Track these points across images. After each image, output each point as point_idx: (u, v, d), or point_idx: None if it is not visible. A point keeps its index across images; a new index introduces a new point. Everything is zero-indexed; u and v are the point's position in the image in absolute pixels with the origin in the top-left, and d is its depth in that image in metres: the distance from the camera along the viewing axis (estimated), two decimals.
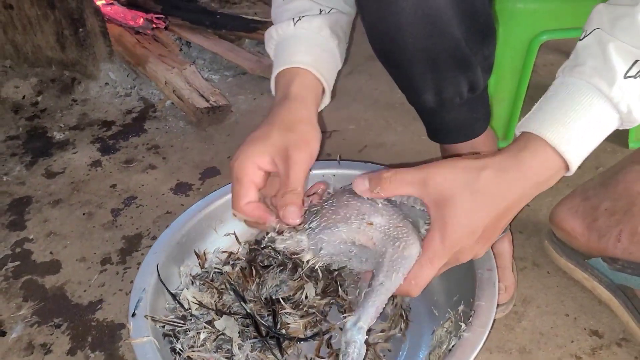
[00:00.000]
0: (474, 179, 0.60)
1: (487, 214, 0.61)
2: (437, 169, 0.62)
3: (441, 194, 0.61)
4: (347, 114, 1.43)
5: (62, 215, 1.20)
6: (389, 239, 0.65)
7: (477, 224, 0.61)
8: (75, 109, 1.58)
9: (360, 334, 0.63)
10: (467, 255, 0.65)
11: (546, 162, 0.60)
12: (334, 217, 0.68)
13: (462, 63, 0.80)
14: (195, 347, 0.80)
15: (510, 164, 0.60)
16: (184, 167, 1.31)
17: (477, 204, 0.60)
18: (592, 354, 0.80)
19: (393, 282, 0.63)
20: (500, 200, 0.61)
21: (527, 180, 0.60)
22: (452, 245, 0.62)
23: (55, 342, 0.93)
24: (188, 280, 0.90)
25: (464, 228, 0.61)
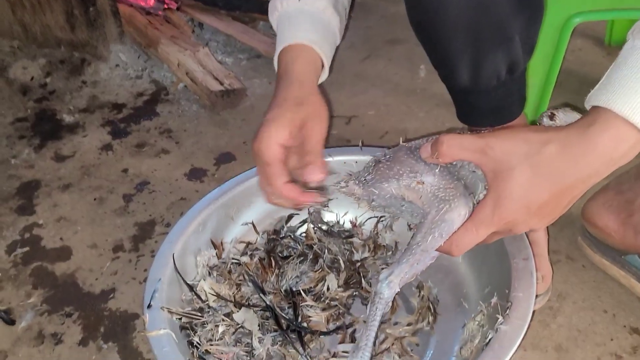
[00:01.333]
0: (535, 152, 0.56)
1: (545, 191, 0.57)
2: (497, 139, 0.59)
3: (500, 164, 0.58)
4: (366, 99, 1.38)
5: (72, 200, 1.16)
6: (436, 199, 0.65)
7: (532, 199, 0.58)
8: (85, 91, 1.54)
9: (389, 288, 0.65)
10: (521, 228, 0.61)
11: (619, 136, 0.54)
12: (387, 172, 0.69)
13: (504, 41, 0.75)
14: (214, 341, 0.77)
15: (577, 139, 0.55)
16: (197, 152, 1.27)
17: (536, 179, 0.57)
18: (634, 353, 0.76)
19: (429, 243, 0.63)
20: (561, 177, 0.56)
21: (598, 157, 0.55)
22: (502, 217, 0.59)
23: (67, 331, 0.90)
24: (205, 271, 0.87)
25: (518, 202, 0.58)
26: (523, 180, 0.57)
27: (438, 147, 0.63)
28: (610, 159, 0.55)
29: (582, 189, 0.59)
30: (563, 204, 0.60)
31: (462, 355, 0.73)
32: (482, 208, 0.61)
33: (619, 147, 0.54)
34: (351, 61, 1.54)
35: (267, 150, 0.69)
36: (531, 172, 0.57)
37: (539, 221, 0.61)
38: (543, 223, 0.61)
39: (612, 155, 0.54)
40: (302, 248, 0.91)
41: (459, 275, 0.85)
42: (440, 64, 0.85)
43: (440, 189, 0.65)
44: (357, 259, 0.91)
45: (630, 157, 0.56)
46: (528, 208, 0.58)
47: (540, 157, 0.56)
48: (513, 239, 0.75)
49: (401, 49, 1.57)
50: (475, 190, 0.65)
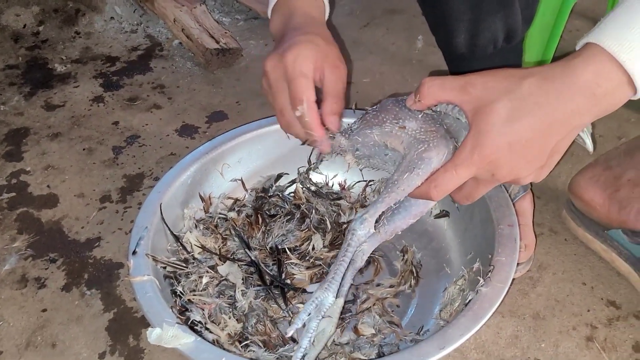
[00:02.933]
0: (516, 86, 0.54)
1: (528, 125, 0.54)
2: (477, 76, 0.57)
3: (480, 100, 0.56)
4: (362, 66, 1.37)
5: (61, 149, 1.16)
6: (416, 141, 0.64)
7: (514, 135, 0.54)
8: (78, 41, 1.51)
9: (362, 225, 0.66)
10: (503, 171, 0.57)
11: (602, 72, 0.51)
12: (373, 120, 0.69)
13: (504, 6, 0.75)
14: (197, 291, 0.77)
15: (559, 72, 0.53)
16: (190, 109, 1.26)
17: (518, 112, 0.54)
18: (609, 324, 0.77)
19: (405, 181, 0.62)
20: (545, 111, 0.53)
21: (579, 90, 0.52)
22: (483, 154, 0.56)
23: (50, 277, 0.90)
24: (191, 224, 0.87)
25: (498, 138, 0.54)
26: (504, 115, 0.54)
27: (419, 89, 0.62)
28: (592, 95, 0.52)
29: (567, 128, 0.55)
30: (547, 148, 0.56)
31: (441, 317, 0.74)
32: (462, 147, 0.58)
33: (601, 83, 0.51)
34: (350, 28, 1.53)
35: (303, 65, 0.66)
36: (511, 106, 0.54)
37: (524, 166, 0.56)
38: (529, 168, 0.57)
39: (594, 90, 0.52)
40: (289, 207, 0.92)
41: (443, 241, 0.86)
42: (438, 28, 0.84)
43: (421, 132, 0.64)
44: (344, 221, 0.91)
45: (615, 100, 0.53)
46: (510, 145, 0.55)
47: (521, 91, 0.54)
48: (498, 206, 0.76)
49: (400, 19, 1.56)
50: (459, 138, 0.64)
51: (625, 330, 0.77)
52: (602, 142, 1.08)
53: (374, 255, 0.86)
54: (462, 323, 0.63)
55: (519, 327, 0.78)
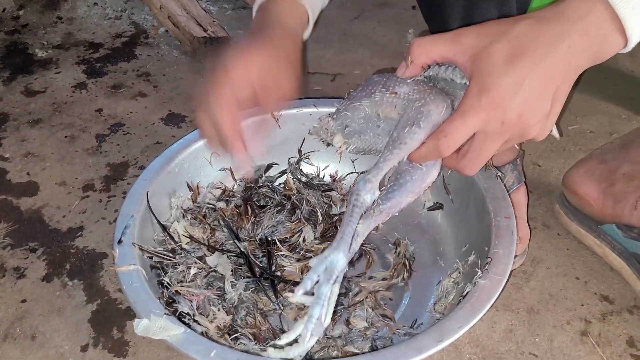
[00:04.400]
0: (510, 27, 0.54)
1: (530, 63, 0.53)
2: (468, 27, 0.56)
3: (475, 47, 0.55)
4: (352, 58, 1.36)
5: (41, 136, 1.12)
6: (411, 102, 0.61)
7: (518, 73, 0.53)
8: (60, 27, 1.47)
9: (365, 185, 0.61)
10: (512, 115, 0.54)
11: (594, 11, 0.51)
12: (360, 94, 0.66)
13: None
14: (185, 282, 0.75)
15: (552, 12, 0.53)
16: (176, 98, 1.23)
17: (517, 50, 0.53)
18: (602, 319, 0.77)
19: (407, 135, 0.59)
20: (543, 49, 0.52)
21: (573, 26, 0.52)
22: (491, 96, 0.54)
23: (30, 266, 0.86)
24: (179, 213, 0.84)
25: (504, 77, 0.53)
26: (503, 54, 0.53)
27: (410, 50, 0.60)
28: (586, 32, 0.52)
29: (565, 73, 0.54)
30: (550, 91, 0.54)
31: (435, 310, 0.73)
32: (467, 95, 0.55)
33: (593, 21, 0.52)
34: (340, 19, 1.51)
35: (235, 66, 0.66)
36: (510, 46, 0.53)
37: (531, 110, 0.54)
38: (535, 115, 0.55)
39: (587, 27, 0.52)
40: (279, 198, 0.90)
41: (437, 234, 0.85)
42: (432, 16, 0.83)
43: (414, 93, 0.61)
44: (335, 212, 0.89)
45: (606, 45, 0.53)
46: (517, 84, 0.53)
47: (516, 31, 0.53)
48: (494, 198, 0.75)
49: (390, 12, 1.54)
50: (455, 98, 0.62)
51: (619, 325, 0.76)
52: (593, 138, 1.08)
53: (366, 248, 0.85)
54: (459, 315, 0.61)
55: (513, 322, 0.77)
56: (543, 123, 0.56)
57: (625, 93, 1.15)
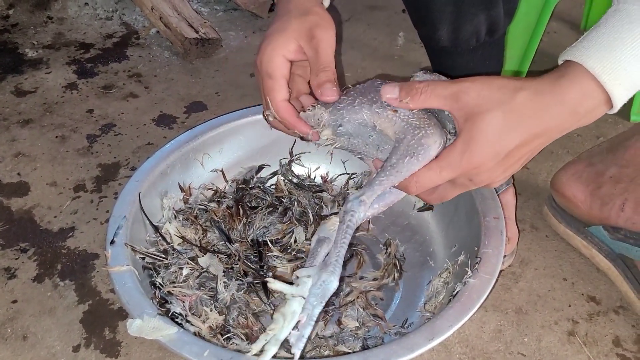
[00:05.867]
0: (509, 98, 0.56)
1: (517, 136, 0.56)
2: (471, 84, 0.58)
3: (473, 109, 0.57)
4: (343, 61, 1.36)
5: (32, 136, 1.11)
6: (410, 127, 0.62)
7: (504, 144, 0.56)
8: (51, 27, 1.46)
9: (360, 206, 0.61)
10: (482, 177, 0.59)
11: (586, 91, 0.54)
12: (361, 98, 0.66)
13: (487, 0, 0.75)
14: (177, 283, 0.75)
15: (548, 88, 0.55)
16: (167, 99, 1.23)
17: (509, 123, 0.56)
18: (589, 319, 0.78)
19: (405, 165, 0.60)
20: (533, 124, 0.56)
21: (565, 107, 0.55)
22: (471, 160, 0.57)
23: (21, 267, 0.86)
24: (171, 214, 0.84)
25: (490, 146, 0.56)
26: (497, 125, 0.56)
27: (411, 94, 0.61)
28: (576, 113, 0.55)
29: (547, 139, 0.58)
30: (524, 156, 0.59)
31: (426, 310, 0.74)
32: (451, 150, 0.58)
33: (584, 103, 0.54)
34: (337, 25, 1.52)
35: (269, 63, 0.66)
36: (503, 118, 0.55)
37: (502, 172, 0.59)
38: (503, 175, 0.60)
39: (577, 109, 0.55)
40: (271, 199, 0.90)
41: (427, 234, 0.86)
42: (421, 22, 0.84)
43: (414, 118, 0.62)
44: (326, 213, 0.90)
45: (593, 117, 0.56)
46: (498, 154, 0.57)
47: (513, 104, 0.55)
48: (484, 199, 0.76)
49: (381, 15, 1.56)
50: (445, 127, 0.63)
51: (605, 325, 0.78)
52: (580, 142, 1.10)
53: (357, 248, 0.85)
54: (450, 314, 0.62)
55: (502, 322, 0.78)
56: (504, 178, 0.61)
57: None
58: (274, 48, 0.66)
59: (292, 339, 0.58)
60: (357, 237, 0.88)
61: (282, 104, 0.67)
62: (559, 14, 1.47)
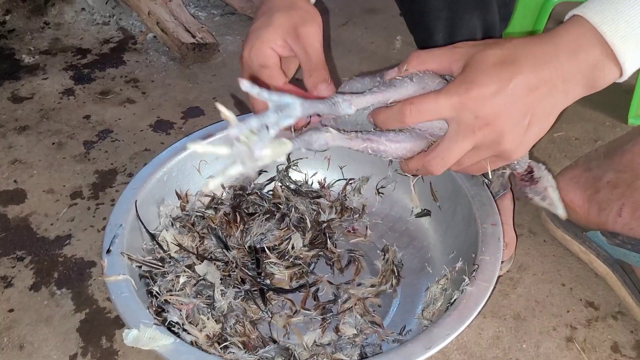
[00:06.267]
0: (504, 41, 0.55)
1: (515, 72, 0.53)
2: (463, 43, 0.58)
3: (469, 54, 0.56)
4: (341, 64, 1.36)
5: (29, 143, 1.11)
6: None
7: (503, 78, 0.53)
8: (47, 32, 1.46)
9: (345, 101, 0.57)
10: (487, 111, 0.54)
11: (584, 36, 0.52)
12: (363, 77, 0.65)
13: (482, 5, 0.76)
14: (174, 291, 0.75)
15: (543, 35, 0.54)
16: (165, 104, 1.23)
17: (509, 57, 0.53)
18: (588, 325, 0.78)
19: (400, 82, 0.59)
20: (531, 63, 0.53)
21: (562, 49, 0.53)
22: (470, 87, 0.54)
23: (18, 275, 0.86)
24: (168, 222, 0.84)
25: (488, 77, 0.53)
26: (495, 59, 0.54)
27: (409, 59, 0.60)
28: (574, 56, 0.53)
29: (550, 92, 0.54)
30: (529, 108, 0.54)
31: (424, 317, 0.73)
32: (450, 83, 0.56)
33: (582, 45, 0.52)
34: (329, 26, 1.52)
35: (259, 55, 0.65)
36: (502, 54, 0.54)
37: (507, 119, 0.54)
38: (510, 126, 0.54)
39: (575, 51, 0.53)
40: (268, 206, 0.90)
41: (425, 240, 0.85)
42: (416, 28, 0.84)
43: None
44: (324, 219, 0.90)
45: (601, 75, 0.53)
46: (497, 89, 0.53)
47: (510, 43, 0.54)
48: (481, 205, 0.75)
49: (378, 19, 1.56)
50: None
51: (603, 330, 0.77)
52: (578, 145, 1.10)
53: (355, 255, 0.85)
54: (447, 322, 0.62)
55: (501, 328, 0.78)
56: (518, 138, 0.56)
57: (609, 100, 1.16)
58: (262, 41, 0.65)
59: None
60: (355, 243, 0.88)
61: (287, 87, 0.66)
62: (556, 16, 1.46)
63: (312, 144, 0.57)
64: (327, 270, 0.84)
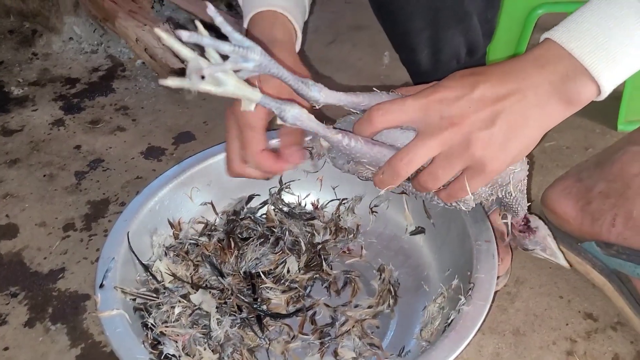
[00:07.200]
0: (478, 69, 0.56)
1: (484, 78, 0.54)
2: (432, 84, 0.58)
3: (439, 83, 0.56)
4: (330, 83, 1.37)
5: (19, 176, 1.11)
6: None
7: (471, 81, 0.54)
8: (36, 63, 1.47)
9: (316, 86, 0.59)
10: (452, 112, 0.54)
11: (550, 50, 0.53)
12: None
13: (463, 22, 0.76)
14: (169, 322, 0.74)
15: (513, 59, 0.56)
16: (155, 131, 1.23)
17: (476, 72, 0.55)
18: (588, 338, 0.77)
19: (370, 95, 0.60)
20: (498, 73, 0.54)
21: (528, 62, 0.54)
22: (436, 89, 0.55)
23: (12, 312, 0.85)
24: (161, 251, 0.84)
25: (455, 80, 0.55)
26: (463, 72, 0.56)
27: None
28: (540, 65, 0.54)
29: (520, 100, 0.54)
30: (498, 106, 0.54)
31: (422, 337, 0.73)
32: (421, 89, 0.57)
33: (549, 56, 0.53)
34: (316, 45, 1.52)
35: (253, 114, 0.64)
36: (470, 70, 0.56)
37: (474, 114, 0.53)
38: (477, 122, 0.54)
39: (541, 61, 0.54)
40: (262, 230, 0.90)
41: (420, 258, 0.85)
42: (400, 46, 0.84)
43: None
44: (319, 241, 0.89)
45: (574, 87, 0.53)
46: (464, 86, 0.54)
47: (482, 69, 0.56)
48: (475, 222, 0.75)
49: (365, 35, 1.56)
50: None
51: (604, 342, 0.77)
52: (569, 154, 1.10)
53: (351, 276, 0.85)
54: (445, 344, 0.62)
55: (500, 344, 0.77)
56: (491, 146, 0.55)
57: (598, 107, 1.16)
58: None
59: None
60: (351, 264, 0.88)
61: (263, 154, 0.66)
62: (542, 25, 1.47)
63: (284, 112, 0.55)
64: (323, 292, 0.83)
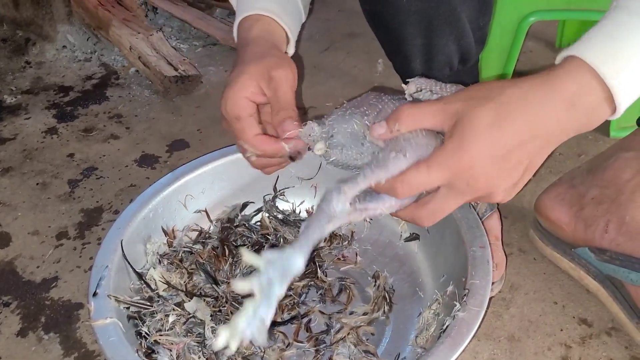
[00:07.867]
0: (497, 94, 0.52)
1: (511, 133, 0.51)
2: (456, 94, 0.56)
3: (461, 112, 0.53)
4: (324, 90, 1.37)
5: (12, 184, 1.10)
6: (402, 136, 0.58)
7: (497, 142, 0.51)
8: (29, 71, 1.46)
9: (340, 195, 0.57)
10: (479, 182, 0.53)
11: (583, 82, 0.50)
12: (352, 109, 0.64)
13: (456, 30, 0.76)
14: (164, 331, 0.74)
15: (540, 81, 0.52)
16: (149, 138, 1.22)
17: (501, 118, 0.51)
18: (582, 343, 0.77)
19: (391, 161, 0.57)
20: (527, 119, 0.51)
21: (561, 99, 0.51)
22: (462, 158, 0.52)
23: (4, 322, 0.84)
24: (155, 259, 0.83)
25: (482, 143, 0.51)
26: (486, 121, 0.52)
27: (400, 118, 0.57)
28: (573, 106, 0.51)
29: (545, 145, 0.53)
30: (525, 161, 0.53)
31: (417, 344, 0.73)
32: (441, 149, 0.54)
33: (582, 94, 0.51)
34: (310, 52, 1.53)
35: (234, 107, 0.65)
36: (494, 113, 0.51)
37: (501, 179, 0.53)
38: (503, 184, 0.54)
39: (574, 101, 0.51)
40: (256, 237, 0.89)
41: (415, 265, 0.85)
42: (393, 54, 0.85)
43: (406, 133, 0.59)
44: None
45: (593, 115, 0.52)
46: (491, 154, 0.52)
47: (503, 98, 0.52)
48: (469, 228, 0.75)
49: (359, 42, 1.57)
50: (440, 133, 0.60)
51: (598, 348, 0.77)
52: (562, 160, 1.10)
53: (346, 282, 0.85)
54: (441, 350, 0.61)
55: (495, 351, 0.77)
56: (509, 191, 0.56)
57: None
58: (235, 92, 0.65)
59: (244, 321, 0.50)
60: (346, 271, 0.87)
61: (257, 138, 0.66)
62: (534, 33, 1.49)
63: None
64: (318, 299, 0.83)
